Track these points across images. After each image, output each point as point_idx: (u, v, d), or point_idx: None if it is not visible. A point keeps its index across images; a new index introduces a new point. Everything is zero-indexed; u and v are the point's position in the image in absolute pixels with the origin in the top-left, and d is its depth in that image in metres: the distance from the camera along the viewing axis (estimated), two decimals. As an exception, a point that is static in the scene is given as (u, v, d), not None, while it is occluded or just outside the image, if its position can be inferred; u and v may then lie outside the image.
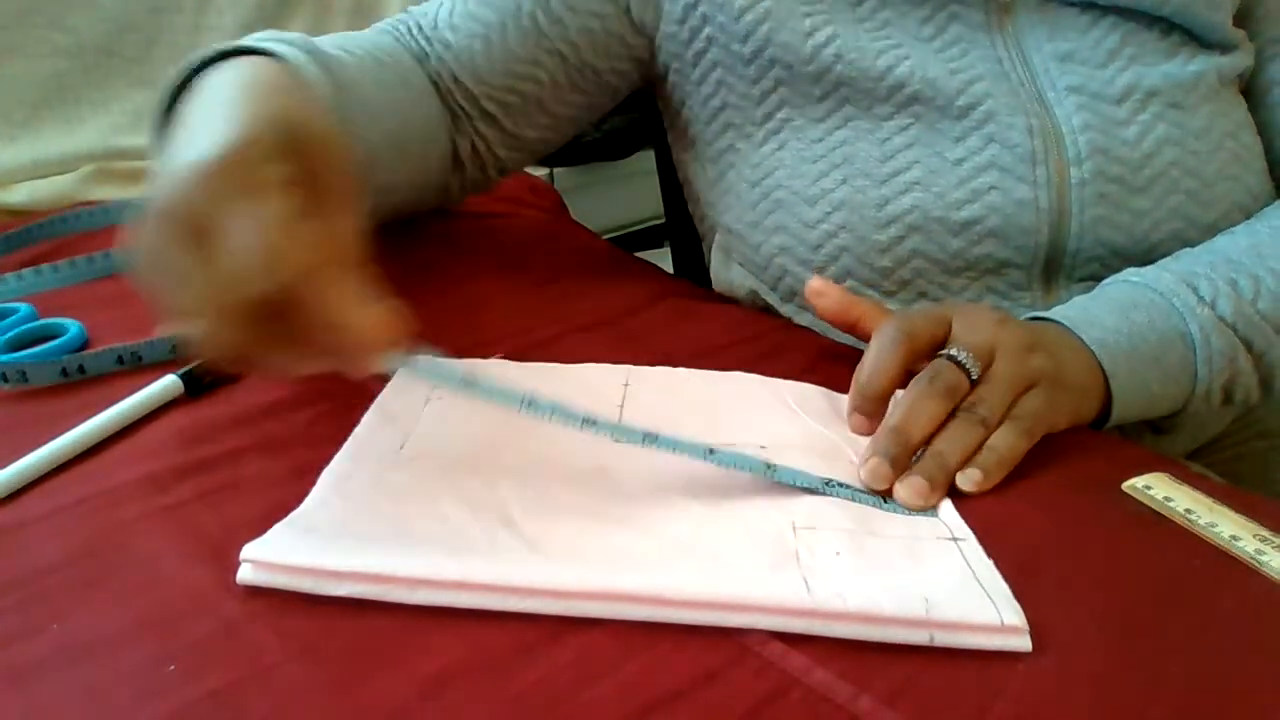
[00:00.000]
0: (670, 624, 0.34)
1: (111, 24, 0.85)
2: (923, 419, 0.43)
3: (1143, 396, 0.50)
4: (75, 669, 0.32)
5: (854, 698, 0.31)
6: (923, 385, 0.44)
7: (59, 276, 0.62)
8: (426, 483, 0.41)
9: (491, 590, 0.34)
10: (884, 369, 0.46)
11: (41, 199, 0.78)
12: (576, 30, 0.62)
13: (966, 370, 0.45)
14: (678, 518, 0.39)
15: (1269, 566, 0.38)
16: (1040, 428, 0.45)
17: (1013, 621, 0.33)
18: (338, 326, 0.34)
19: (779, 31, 0.58)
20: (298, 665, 0.32)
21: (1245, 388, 0.53)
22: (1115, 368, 0.49)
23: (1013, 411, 0.44)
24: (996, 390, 0.45)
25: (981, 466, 0.42)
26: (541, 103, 0.65)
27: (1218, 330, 0.51)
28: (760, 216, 0.61)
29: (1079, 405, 0.48)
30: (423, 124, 0.62)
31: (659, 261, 0.77)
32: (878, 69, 0.57)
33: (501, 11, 0.62)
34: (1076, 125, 0.56)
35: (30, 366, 0.48)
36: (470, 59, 0.63)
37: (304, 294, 0.34)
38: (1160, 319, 0.51)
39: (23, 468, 0.41)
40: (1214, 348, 0.51)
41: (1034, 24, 0.59)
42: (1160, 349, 0.50)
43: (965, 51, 0.58)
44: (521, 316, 0.57)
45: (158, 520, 0.39)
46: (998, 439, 0.43)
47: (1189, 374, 0.51)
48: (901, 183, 0.56)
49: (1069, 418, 0.47)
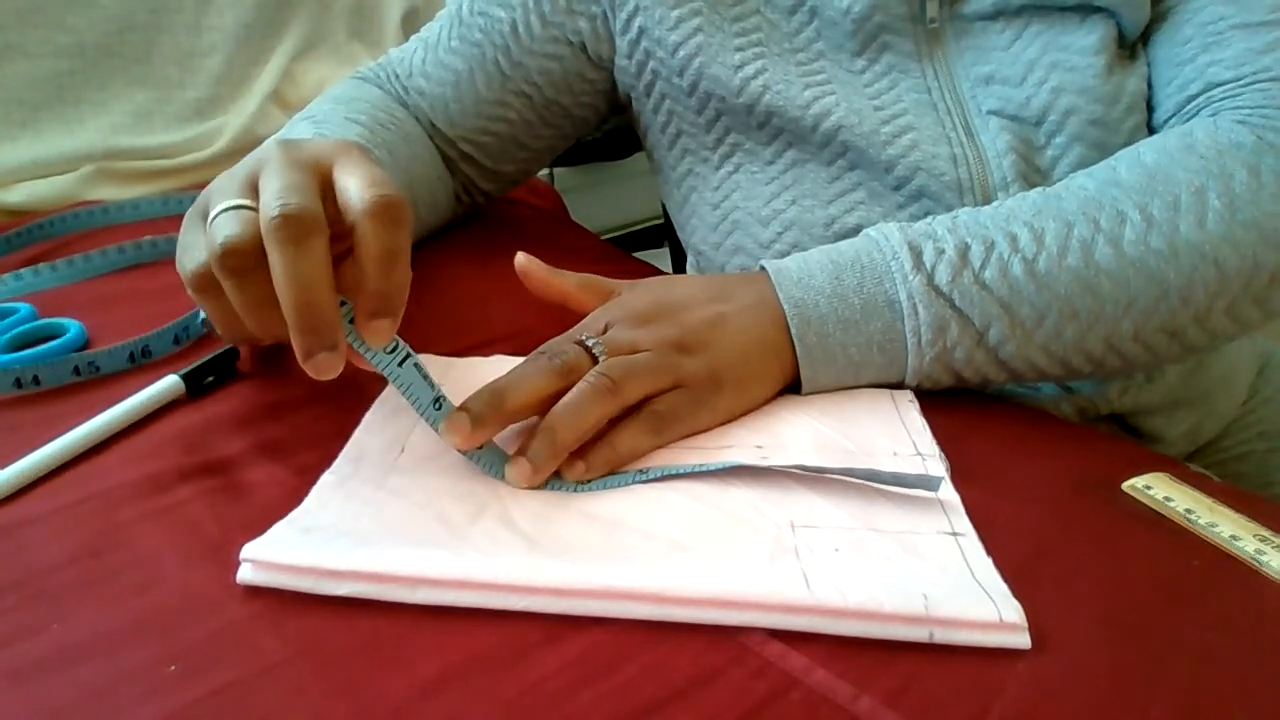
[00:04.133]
0: (670, 624, 0.34)
1: (111, 24, 0.85)
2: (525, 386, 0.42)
3: (838, 362, 0.48)
4: (75, 669, 0.32)
5: (854, 698, 0.31)
6: (540, 361, 0.44)
7: (59, 276, 0.62)
8: (426, 483, 0.41)
9: (491, 590, 0.34)
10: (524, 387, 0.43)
11: (41, 199, 0.78)
12: (537, 71, 0.65)
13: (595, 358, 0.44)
14: (677, 517, 0.39)
15: (1269, 566, 0.38)
16: (675, 429, 0.44)
17: (1012, 619, 0.33)
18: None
19: (710, 65, 0.59)
20: (298, 665, 0.32)
21: (976, 366, 0.49)
22: (805, 330, 0.47)
23: (649, 406, 0.44)
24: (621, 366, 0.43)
25: (588, 460, 0.41)
26: (516, 140, 0.69)
27: (926, 299, 0.47)
28: (721, 238, 0.63)
29: (743, 396, 0.47)
30: (428, 173, 0.66)
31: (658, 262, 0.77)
32: (804, 100, 0.58)
33: (469, 59, 0.66)
34: (1001, 149, 0.56)
35: (42, 369, 0.48)
36: (444, 106, 0.67)
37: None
38: (872, 282, 0.48)
39: (23, 468, 0.41)
40: (921, 318, 0.47)
41: (962, 49, 0.59)
42: (864, 314, 0.48)
43: (895, 83, 0.58)
44: (521, 316, 0.57)
45: (158, 520, 0.39)
46: (619, 436, 0.43)
47: (899, 343, 0.48)
48: (847, 202, 0.58)
49: (725, 412, 0.46)
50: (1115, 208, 0.48)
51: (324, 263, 0.37)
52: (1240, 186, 0.48)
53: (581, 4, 0.63)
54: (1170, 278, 0.47)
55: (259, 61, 0.92)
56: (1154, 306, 0.48)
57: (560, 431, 0.41)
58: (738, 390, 0.47)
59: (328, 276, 0.37)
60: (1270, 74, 0.53)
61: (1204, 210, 0.48)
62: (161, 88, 0.87)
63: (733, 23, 0.60)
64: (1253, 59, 0.54)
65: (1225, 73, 0.54)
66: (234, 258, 0.38)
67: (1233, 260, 0.48)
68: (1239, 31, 0.55)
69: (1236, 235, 0.48)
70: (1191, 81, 0.56)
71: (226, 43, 0.90)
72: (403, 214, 0.38)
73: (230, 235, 0.38)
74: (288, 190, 0.37)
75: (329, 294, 0.37)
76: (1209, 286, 0.48)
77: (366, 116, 0.62)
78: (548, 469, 0.41)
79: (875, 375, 0.49)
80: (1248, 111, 0.52)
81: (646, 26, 0.61)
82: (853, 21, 0.58)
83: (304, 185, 0.38)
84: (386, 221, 0.38)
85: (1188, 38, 0.57)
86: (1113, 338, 0.48)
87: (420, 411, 0.41)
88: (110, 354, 0.50)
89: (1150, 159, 0.51)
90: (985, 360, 0.49)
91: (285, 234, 0.36)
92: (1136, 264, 0.47)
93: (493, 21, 0.65)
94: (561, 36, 0.64)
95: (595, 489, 0.41)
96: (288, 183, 0.38)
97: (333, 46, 0.97)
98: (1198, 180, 0.49)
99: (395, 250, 0.38)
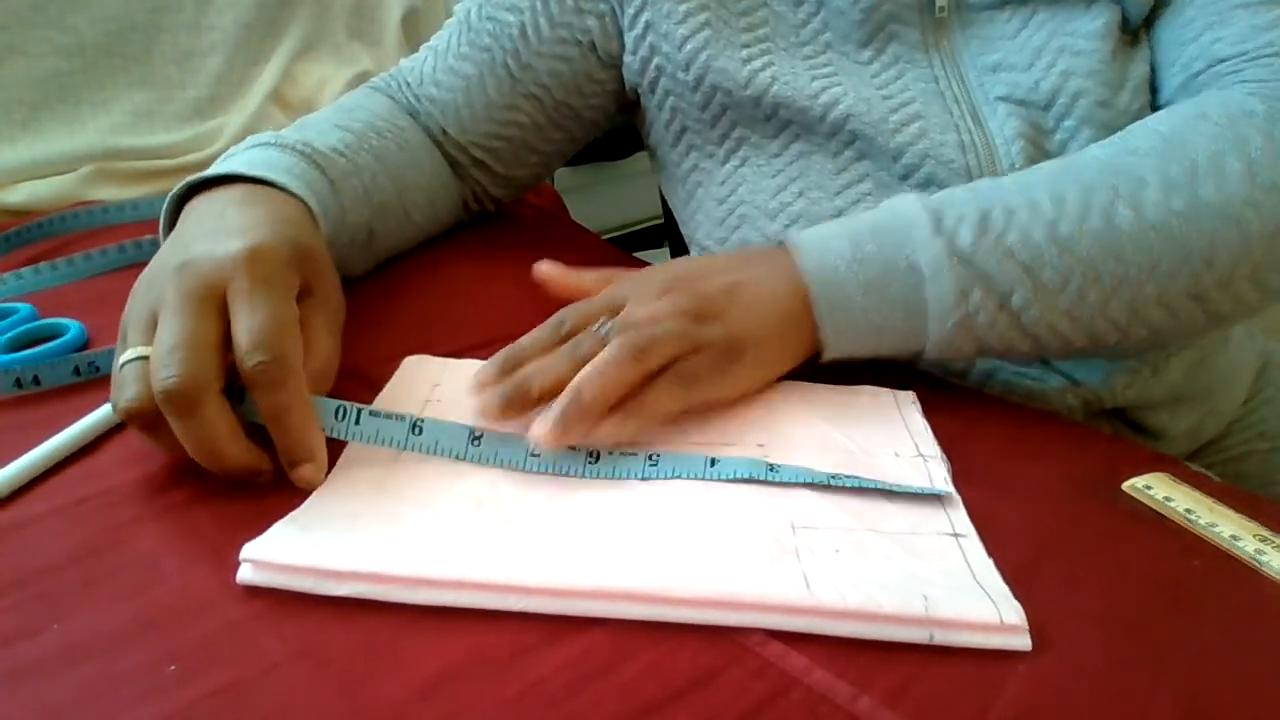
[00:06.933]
0: (670, 624, 0.34)
1: (111, 24, 0.85)
2: (535, 350, 0.44)
3: (859, 329, 0.48)
4: (75, 669, 0.32)
5: (854, 698, 0.31)
6: (556, 355, 0.45)
7: (59, 276, 0.62)
8: (426, 483, 0.41)
9: (491, 590, 0.34)
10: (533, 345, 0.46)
11: (41, 199, 0.78)
12: (547, 73, 0.65)
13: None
14: (677, 517, 0.39)
15: (1269, 566, 0.38)
16: (701, 390, 0.45)
17: (1012, 620, 0.33)
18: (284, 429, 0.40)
19: (717, 59, 0.59)
20: (298, 665, 0.32)
21: (999, 331, 0.48)
22: (824, 295, 0.47)
23: (674, 367, 0.44)
24: (640, 336, 0.44)
25: (618, 419, 0.42)
26: (527, 144, 0.69)
27: (948, 264, 0.47)
28: (727, 232, 0.63)
29: (764, 362, 0.47)
30: (427, 181, 0.66)
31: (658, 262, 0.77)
32: (811, 100, 0.58)
33: (479, 64, 0.66)
34: (1009, 134, 0.56)
35: (42, 369, 0.48)
36: (455, 111, 0.68)
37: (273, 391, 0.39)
38: (891, 249, 0.47)
39: (21, 467, 0.41)
40: (944, 284, 0.47)
41: (968, 39, 0.59)
42: (883, 279, 0.47)
43: (902, 73, 0.59)
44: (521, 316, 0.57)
45: (158, 520, 0.39)
46: (648, 394, 0.43)
47: (920, 309, 0.47)
48: (854, 194, 0.58)
49: (747, 380, 0.47)
50: (1133, 173, 0.48)
51: (219, 421, 0.39)
52: (1257, 151, 0.48)
53: (589, 2, 0.63)
54: (1192, 240, 0.47)
55: (259, 61, 0.92)
56: (1177, 269, 0.47)
57: (586, 393, 0.41)
58: (757, 359, 0.47)
59: (228, 432, 0.39)
60: (1274, 49, 0.53)
61: (1223, 173, 0.48)
62: (161, 88, 0.87)
63: (739, 17, 0.60)
64: (1256, 35, 0.54)
65: (1229, 49, 0.54)
66: (140, 419, 0.39)
67: (1255, 223, 0.47)
68: (1242, 10, 0.55)
69: (1257, 198, 0.47)
70: (1195, 59, 0.56)
71: (226, 43, 0.90)
72: (281, 374, 0.39)
73: (130, 401, 0.39)
74: (173, 352, 0.38)
75: (235, 445, 0.39)
76: (1232, 249, 0.47)
77: (361, 124, 0.62)
78: (573, 431, 0.41)
79: (896, 342, 0.49)
80: (1255, 85, 0.52)
81: (653, 20, 0.61)
82: (861, 11, 0.58)
83: (191, 338, 0.39)
84: (265, 387, 0.39)
85: (1190, 18, 0.57)
86: (1136, 302, 0.48)
87: (402, 447, 0.42)
88: (110, 354, 0.50)
89: (1164, 128, 0.51)
90: (1008, 326, 0.48)
91: (172, 409, 0.38)
92: (1157, 227, 0.47)
93: (501, 25, 0.65)
94: (570, 37, 0.64)
95: (604, 475, 0.41)
96: (177, 338, 0.39)
97: (333, 46, 0.97)
98: (1214, 145, 0.48)
99: (281, 408, 0.39)
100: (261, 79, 0.91)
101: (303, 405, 0.40)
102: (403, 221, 0.64)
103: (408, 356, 0.51)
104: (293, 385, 0.40)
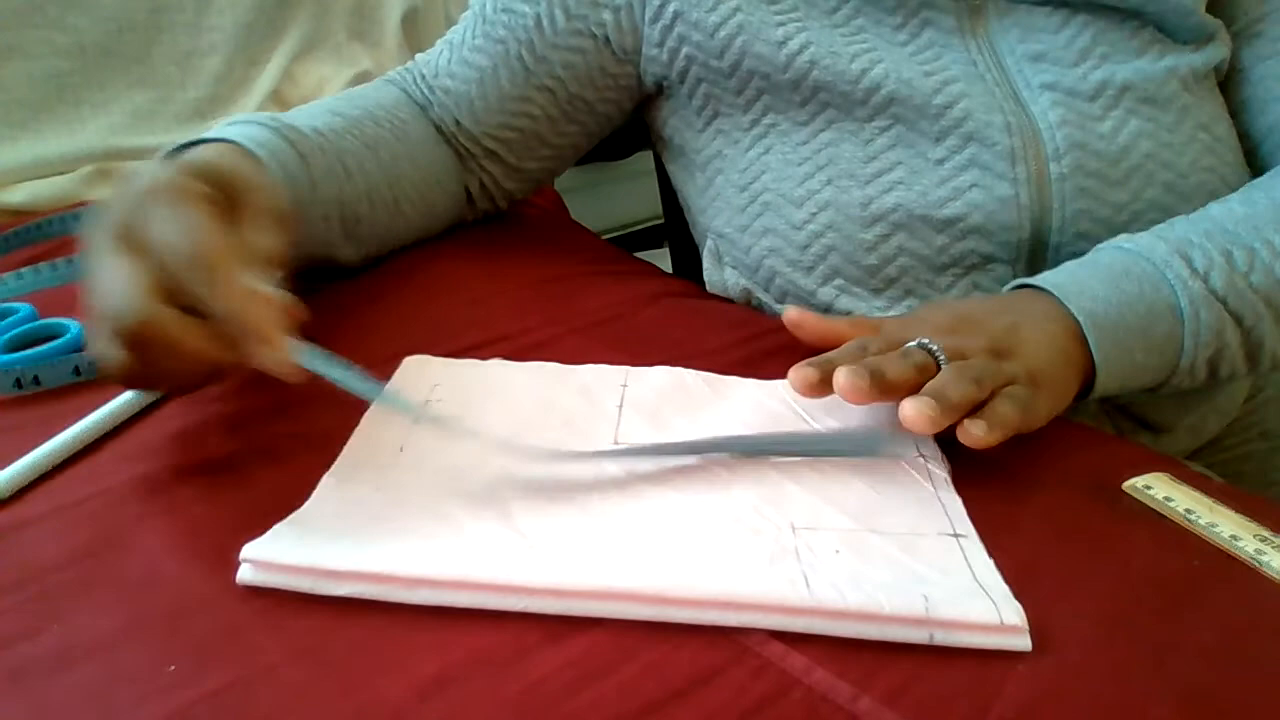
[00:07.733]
0: (670, 624, 0.34)
1: (111, 24, 0.85)
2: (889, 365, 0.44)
3: (1127, 368, 0.49)
4: (75, 669, 0.32)
5: (854, 698, 0.31)
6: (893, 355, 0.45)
7: (59, 275, 0.62)
8: (426, 483, 0.41)
9: (491, 590, 0.34)
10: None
11: (41, 199, 0.78)
12: (560, 65, 0.66)
13: (936, 360, 0.45)
14: (678, 517, 0.39)
15: (1269, 566, 0.38)
16: (1029, 414, 0.44)
17: (1012, 621, 0.33)
18: (228, 314, 0.38)
19: (753, 43, 0.59)
20: (298, 665, 0.32)
21: (1231, 362, 0.52)
22: (1101, 338, 0.48)
23: (1003, 391, 0.44)
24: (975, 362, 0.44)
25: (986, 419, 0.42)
26: (540, 136, 0.69)
27: (1207, 304, 0.50)
28: (749, 220, 0.62)
29: (1056, 398, 0.48)
30: (422, 175, 0.66)
31: (659, 261, 0.77)
32: (853, 73, 0.58)
33: (493, 56, 0.67)
34: (1053, 121, 0.57)
35: (42, 369, 0.48)
36: (469, 102, 0.68)
37: (206, 285, 0.38)
38: (1150, 290, 0.50)
39: (21, 467, 0.41)
40: (1203, 321, 0.50)
41: (1006, 27, 0.60)
42: (1149, 320, 0.49)
43: (939, 55, 0.59)
44: (521, 316, 0.57)
45: (158, 520, 0.39)
46: (996, 402, 0.43)
47: (1175, 346, 0.50)
48: (885, 182, 0.57)
49: (1046, 415, 0.47)
50: None
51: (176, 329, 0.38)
52: None
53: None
54: None
55: (259, 61, 0.92)
56: None
57: (952, 395, 0.42)
58: (1052, 394, 0.47)
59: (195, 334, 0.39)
60: None
61: None
62: (161, 88, 0.87)
63: (770, 3, 0.60)
64: None
65: None
66: (118, 375, 0.39)
67: None
68: None
69: None
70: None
71: (226, 43, 0.90)
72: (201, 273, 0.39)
73: (103, 366, 0.39)
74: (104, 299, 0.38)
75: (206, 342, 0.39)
76: None
77: (358, 111, 0.63)
78: (944, 420, 0.42)
79: (1148, 379, 0.51)
80: None
81: (682, 10, 0.61)
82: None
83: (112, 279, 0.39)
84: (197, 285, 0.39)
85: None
86: None
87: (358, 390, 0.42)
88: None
89: None
90: (1241, 359, 0.51)
91: (125, 343, 0.38)
92: None
93: (516, 17, 0.65)
94: (585, 30, 0.64)
95: (631, 454, 0.42)
96: (104, 287, 0.39)
97: (333, 47, 0.97)
98: None
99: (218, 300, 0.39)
100: (261, 79, 0.91)
101: (242, 294, 0.39)
102: (392, 211, 0.64)
103: (408, 357, 0.51)
104: (219, 277, 0.39)
